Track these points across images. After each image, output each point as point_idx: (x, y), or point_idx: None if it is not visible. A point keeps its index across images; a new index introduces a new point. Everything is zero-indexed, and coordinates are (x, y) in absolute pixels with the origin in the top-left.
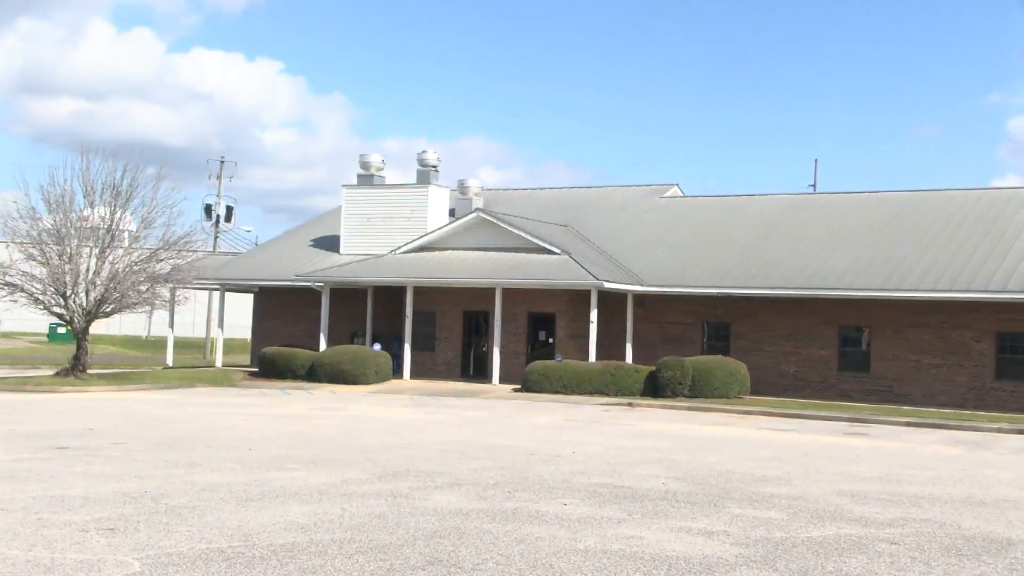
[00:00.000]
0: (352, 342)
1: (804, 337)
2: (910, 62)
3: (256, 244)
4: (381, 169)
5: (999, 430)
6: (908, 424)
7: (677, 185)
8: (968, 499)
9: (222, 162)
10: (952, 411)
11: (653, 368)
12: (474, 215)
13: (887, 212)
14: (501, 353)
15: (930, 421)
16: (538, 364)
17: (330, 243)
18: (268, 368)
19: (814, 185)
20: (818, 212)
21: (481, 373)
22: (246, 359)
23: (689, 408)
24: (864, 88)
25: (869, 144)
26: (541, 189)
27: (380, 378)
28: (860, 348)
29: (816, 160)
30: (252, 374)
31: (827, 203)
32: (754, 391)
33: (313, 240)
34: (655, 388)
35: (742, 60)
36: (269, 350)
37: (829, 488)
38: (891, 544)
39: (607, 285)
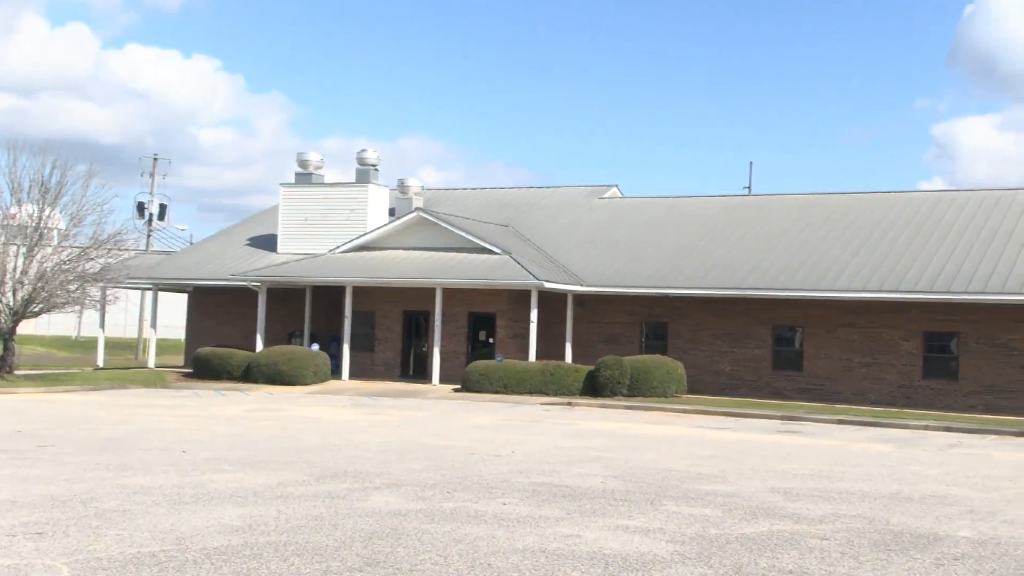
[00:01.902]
0: (290, 342)
1: (740, 336)
2: (841, 68)
3: (191, 243)
4: (320, 168)
5: (926, 428)
6: (839, 422)
7: (616, 186)
8: (897, 495)
9: (155, 160)
10: (881, 409)
11: (592, 368)
12: (414, 215)
13: (820, 214)
14: (441, 353)
15: (860, 419)
16: (478, 364)
17: (267, 242)
18: (203, 369)
19: (749, 187)
20: (753, 214)
21: (421, 373)
22: (180, 360)
23: (627, 407)
24: (797, 92)
25: (802, 147)
26: (482, 189)
27: (318, 379)
28: (793, 347)
29: (751, 163)
30: (186, 375)
31: (762, 205)
32: (691, 390)
33: (250, 239)
34: (594, 387)
35: (679, 64)
36: (204, 350)
37: (763, 485)
38: (822, 540)
39: (547, 285)
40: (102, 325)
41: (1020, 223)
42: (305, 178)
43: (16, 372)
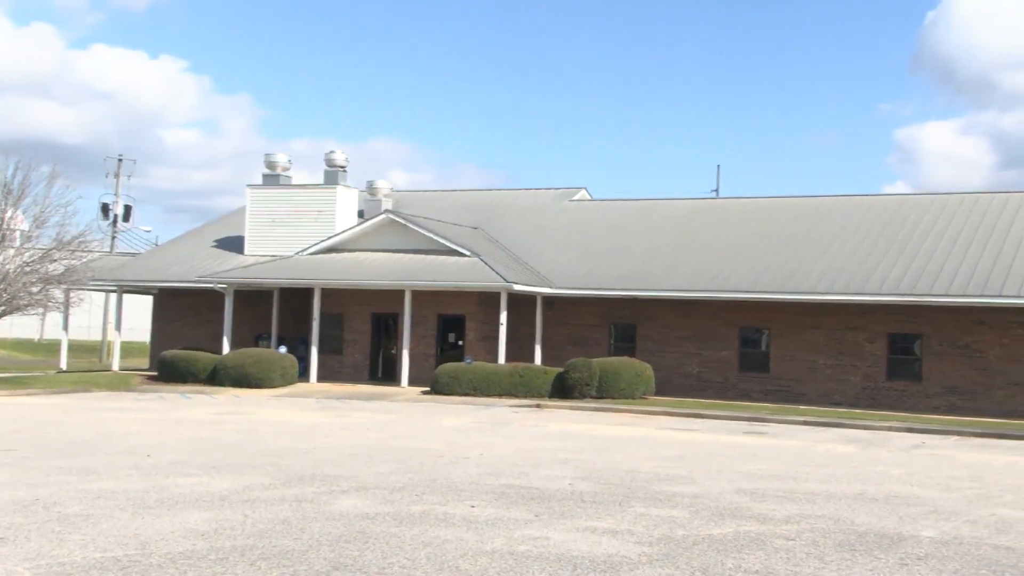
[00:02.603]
0: (257, 345)
1: (707, 338)
2: (806, 73)
3: (156, 244)
4: (288, 169)
5: (890, 428)
6: (805, 423)
7: (585, 188)
8: (861, 495)
9: (120, 160)
10: (846, 410)
11: (561, 370)
12: (383, 216)
13: (786, 217)
14: (410, 355)
15: (825, 420)
16: (447, 366)
17: (234, 244)
18: (168, 372)
19: (717, 190)
20: (721, 217)
21: (390, 376)
22: (145, 363)
23: (596, 409)
24: (763, 96)
25: (769, 151)
26: (451, 191)
27: (286, 381)
28: (760, 349)
29: (719, 166)
30: (151, 378)
31: (729, 208)
32: (659, 391)
33: (216, 241)
34: (563, 389)
35: (648, 67)
36: (169, 353)
37: (729, 486)
38: (788, 540)
39: (517, 287)
40: (65, 328)
41: (981, 226)
42: (273, 179)
43: None
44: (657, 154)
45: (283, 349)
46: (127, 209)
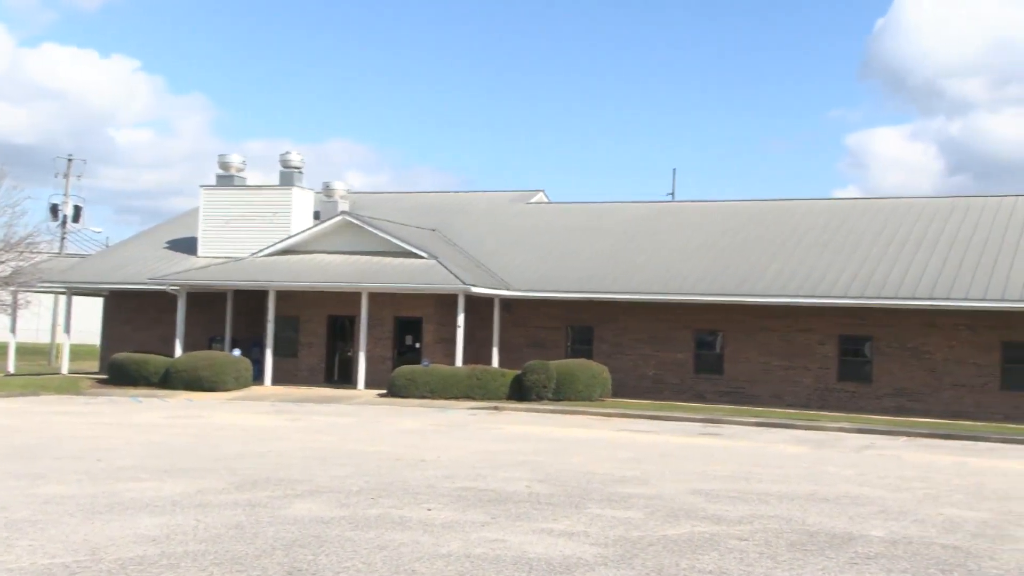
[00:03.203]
0: (210, 348)
1: (663, 341)
2: (759, 78)
3: (107, 246)
4: (242, 170)
5: (841, 429)
6: (758, 424)
7: (543, 191)
8: (812, 496)
9: (70, 160)
10: (798, 411)
11: (519, 372)
12: (340, 218)
13: (740, 220)
14: (367, 358)
15: (778, 421)
16: (404, 369)
17: (187, 245)
18: (119, 375)
19: (672, 193)
20: (676, 220)
21: (346, 378)
22: (95, 366)
23: (553, 411)
24: (717, 101)
25: (723, 155)
26: (408, 193)
27: (240, 385)
28: (714, 351)
29: (675, 169)
30: (101, 381)
31: (685, 211)
32: (616, 393)
33: (169, 242)
34: (521, 392)
35: (604, 70)
36: (120, 356)
37: (684, 487)
38: (741, 540)
39: (474, 290)
40: (13, 330)
41: (930, 230)
42: (227, 180)
43: None
44: (614, 157)
45: (237, 352)
46: (77, 210)
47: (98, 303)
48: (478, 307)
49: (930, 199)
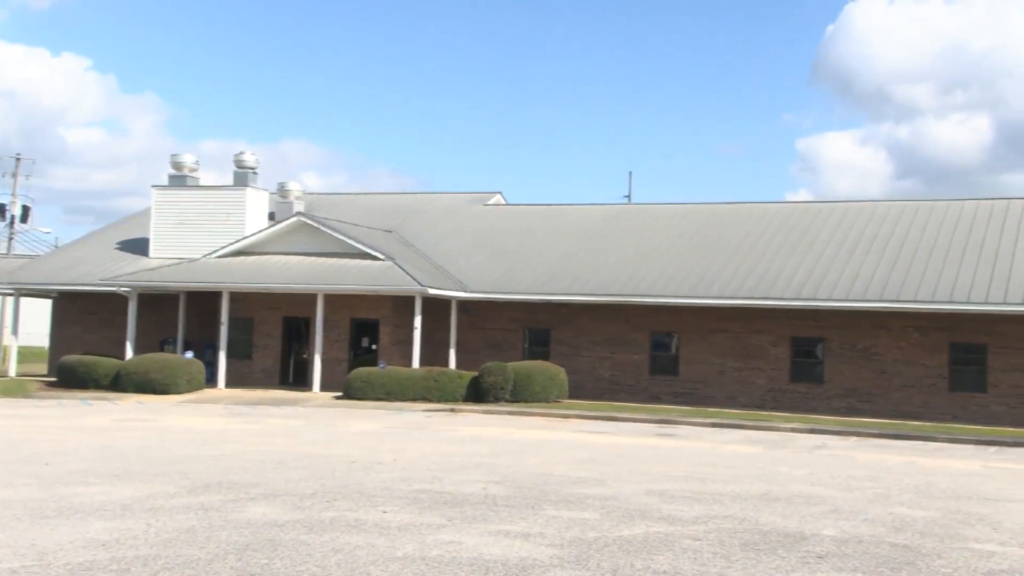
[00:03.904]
0: (162, 350)
1: (619, 342)
2: (713, 83)
3: (56, 246)
4: (195, 170)
5: (793, 430)
6: (712, 425)
7: (500, 193)
8: (765, 496)
9: (18, 159)
10: (751, 412)
11: (476, 374)
12: (295, 219)
13: (695, 223)
14: (323, 360)
15: (731, 422)
16: (361, 371)
17: (139, 246)
18: (68, 377)
19: (629, 196)
20: (632, 222)
21: (301, 381)
22: (44, 368)
23: (510, 412)
24: (673, 105)
25: (679, 158)
26: (365, 194)
27: (192, 387)
28: (670, 352)
29: (631, 172)
30: (50, 384)
31: (641, 214)
32: (572, 395)
33: (120, 243)
34: (478, 393)
35: (561, 73)
36: (69, 358)
37: (640, 488)
38: (695, 540)
39: (431, 291)
40: None
41: (881, 233)
42: (179, 180)
43: None
44: (572, 160)
45: (189, 354)
46: (25, 210)
47: (47, 304)
48: (435, 309)
49: (880, 202)
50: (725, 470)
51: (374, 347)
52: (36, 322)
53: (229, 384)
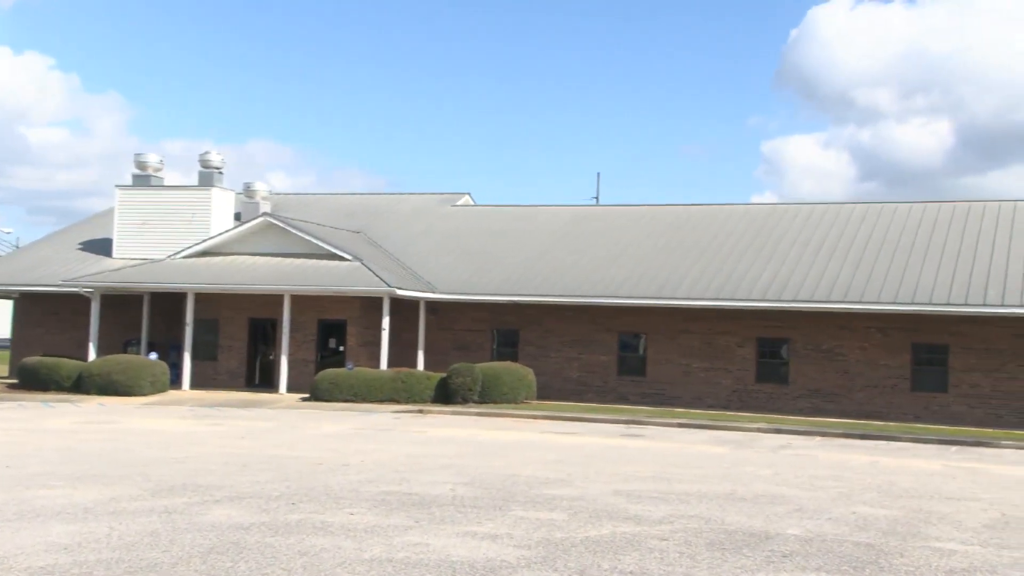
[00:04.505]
0: (126, 351)
1: (587, 343)
2: (681, 85)
3: (18, 247)
4: (159, 169)
5: (759, 430)
6: (679, 425)
7: (469, 194)
8: (731, 495)
9: None
10: (718, 412)
11: (444, 375)
12: (261, 219)
13: (662, 225)
14: (289, 361)
15: (698, 422)
16: (328, 372)
17: (102, 246)
18: (29, 379)
19: (597, 197)
20: (600, 224)
21: (268, 382)
22: (4, 370)
23: (478, 414)
24: (641, 107)
25: (647, 160)
26: (333, 194)
27: (156, 389)
28: (637, 353)
29: (599, 174)
30: (11, 386)
31: (608, 215)
32: (540, 396)
33: (83, 243)
34: (446, 395)
35: (531, 74)
36: (30, 360)
37: (607, 488)
38: (662, 540)
39: (399, 292)
40: None
41: (843, 235)
42: (144, 180)
43: None
44: (540, 161)
45: (154, 356)
46: None
47: (8, 305)
48: (403, 310)
49: (844, 205)
50: (692, 470)
51: (341, 348)
52: None
53: (194, 386)
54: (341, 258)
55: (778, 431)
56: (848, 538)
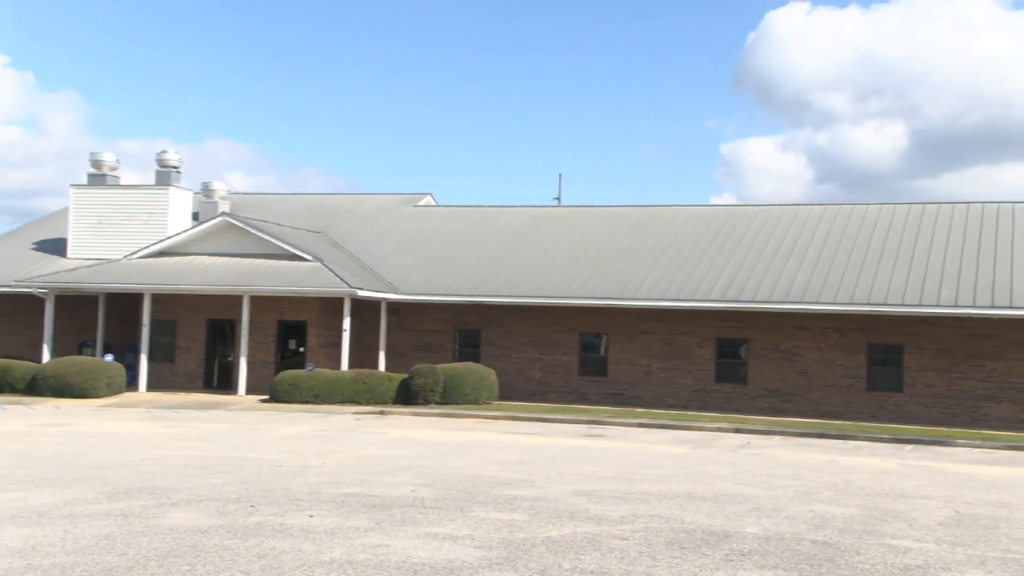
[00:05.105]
0: (81, 353)
1: (549, 344)
2: (641, 87)
3: None
4: (116, 168)
5: (719, 429)
6: (640, 425)
7: (431, 194)
8: (691, 495)
9: None
10: (678, 412)
11: (406, 376)
12: (220, 219)
13: (623, 226)
14: (248, 363)
15: (659, 422)
16: (288, 373)
17: (56, 246)
18: None
19: (559, 198)
20: (562, 224)
21: (226, 384)
22: None
23: (440, 415)
24: (602, 109)
25: (607, 161)
26: (293, 194)
27: (113, 391)
28: (599, 354)
29: (560, 174)
30: None
31: (570, 216)
32: (502, 396)
33: (37, 243)
34: (407, 396)
35: (492, 74)
36: None
37: (568, 488)
38: (622, 540)
39: (361, 293)
40: None
41: (802, 236)
42: (99, 179)
43: None
44: (502, 162)
45: (109, 357)
46: None
47: None
48: (364, 311)
49: (801, 206)
50: (652, 470)
51: (302, 349)
52: None
53: (151, 387)
54: (301, 258)
55: (738, 431)
56: (806, 536)
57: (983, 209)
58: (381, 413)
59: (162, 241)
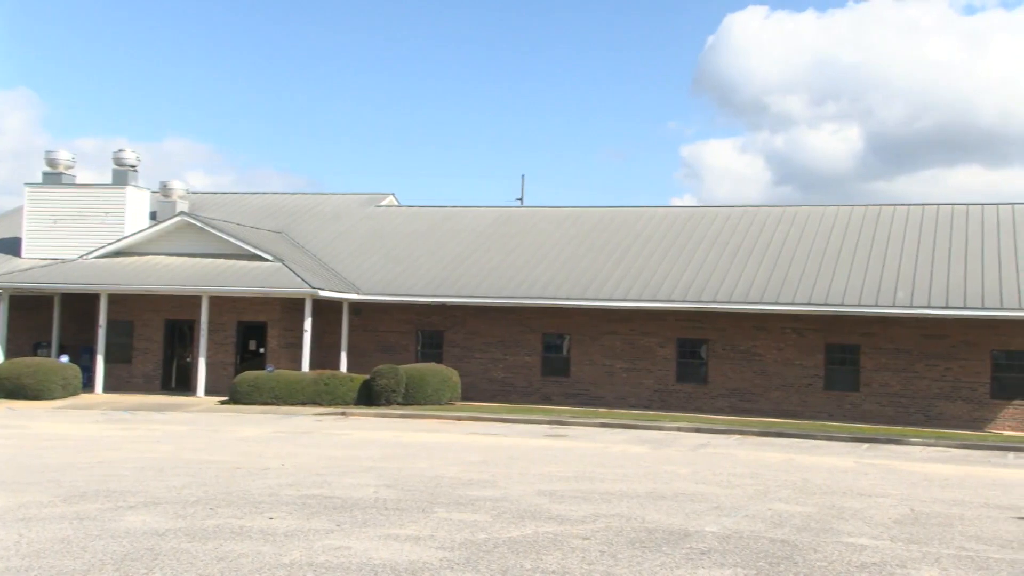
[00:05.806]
0: (35, 354)
1: (511, 344)
2: (602, 88)
3: None
4: (71, 167)
5: (679, 429)
6: (602, 425)
7: (393, 195)
8: (652, 494)
9: None
10: (640, 412)
11: (368, 376)
12: (178, 219)
13: (585, 226)
14: (207, 364)
15: (621, 422)
16: (247, 374)
17: (10, 246)
18: None
19: (521, 199)
20: (525, 225)
21: (185, 385)
22: None
23: (402, 415)
24: (564, 110)
25: (569, 162)
26: (253, 194)
27: (68, 392)
28: (561, 354)
29: (523, 175)
30: None
31: (532, 217)
32: (465, 397)
33: None
34: (370, 396)
35: (451, 74)
36: None
37: (530, 489)
38: (584, 540)
39: (322, 293)
40: None
41: (760, 238)
42: (55, 178)
43: None
44: (465, 162)
45: (65, 358)
46: None
47: None
48: (326, 311)
49: (760, 208)
50: (614, 470)
51: (262, 350)
52: None
53: (107, 389)
54: (262, 258)
55: (698, 430)
56: (764, 534)
57: (938, 211)
58: (343, 414)
59: (119, 241)
